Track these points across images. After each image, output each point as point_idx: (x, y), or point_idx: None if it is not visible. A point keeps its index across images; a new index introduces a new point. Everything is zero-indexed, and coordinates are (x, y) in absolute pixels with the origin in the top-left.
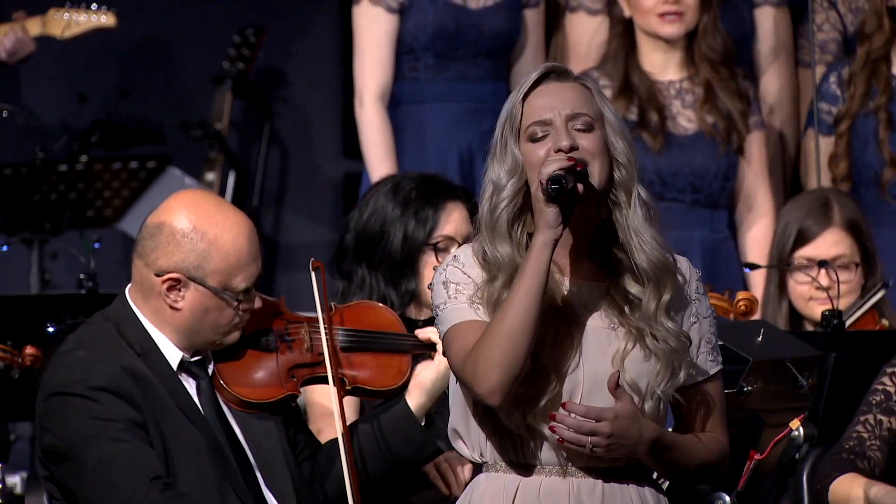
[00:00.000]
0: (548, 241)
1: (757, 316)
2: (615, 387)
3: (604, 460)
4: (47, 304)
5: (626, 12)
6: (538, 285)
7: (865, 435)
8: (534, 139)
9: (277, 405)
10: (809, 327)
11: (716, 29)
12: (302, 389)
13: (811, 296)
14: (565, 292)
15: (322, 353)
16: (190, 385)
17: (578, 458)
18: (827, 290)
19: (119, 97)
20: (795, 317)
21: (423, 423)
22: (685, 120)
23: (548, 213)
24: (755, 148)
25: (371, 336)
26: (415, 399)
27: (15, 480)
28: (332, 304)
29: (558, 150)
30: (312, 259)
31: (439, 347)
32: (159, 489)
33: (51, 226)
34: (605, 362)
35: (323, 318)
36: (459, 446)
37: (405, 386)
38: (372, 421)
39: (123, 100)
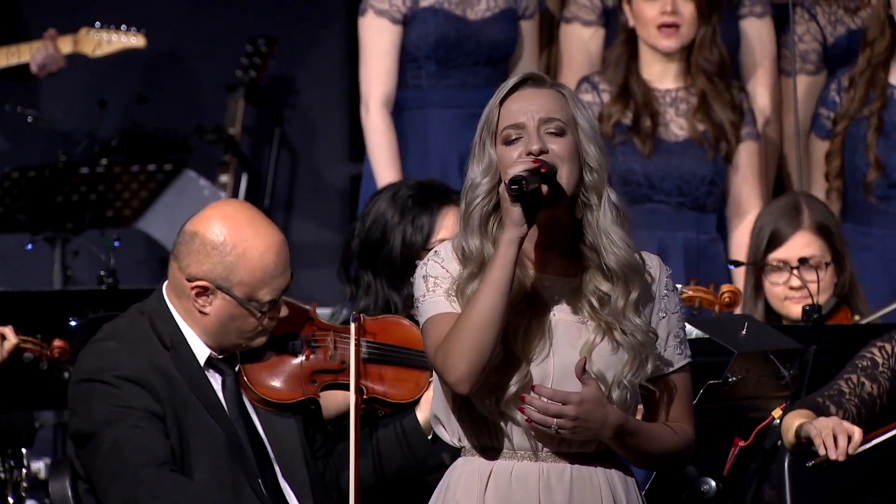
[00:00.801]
0: (513, 238)
1: (739, 308)
2: (582, 372)
3: (574, 445)
4: (69, 299)
5: (630, 22)
6: (504, 279)
7: (846, 390)
8: (508, 141)
9: (297, 407)
10: (785, 322)
11: (713, 43)
12: (321, 394)
13: (786, 296)
14: (538, 287)
15: (345, 363)
16: (216, 381)
17: (549, 442)
18: (801, 289)
19: (137, 103)
20: (771, 315)
21: (430, 437)
22: (677, 127)
23: (512, 212)
24: (746, 157)
25: (394, 350)
26: (424, 413)
27: (39, 466)
28: (361, 315)
29: (529, 153)
30: (354, 313)
31: None
32: (165, 474)
33: (73, 225)
34: (574, 353)
35: (355, 368)
36: (440, 431)
37: (419, 400)
38: (381, 430)
39: (141, 106)
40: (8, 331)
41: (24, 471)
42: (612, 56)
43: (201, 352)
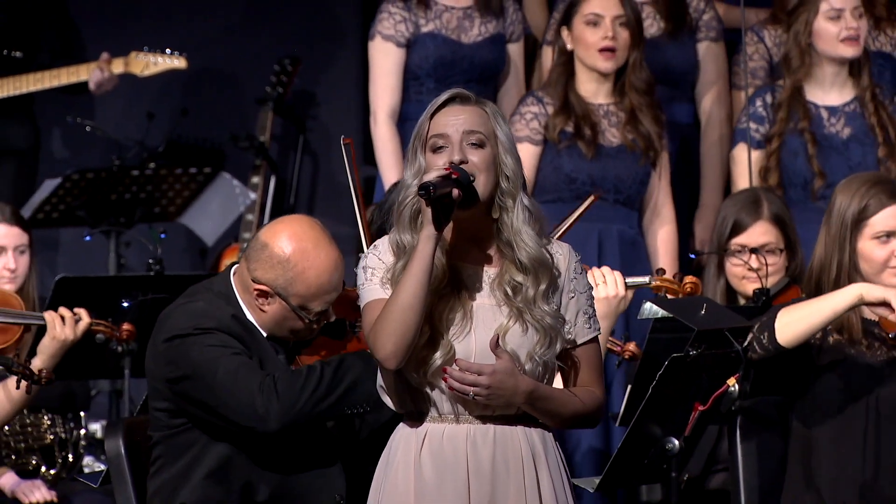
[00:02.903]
0: (429, 234)
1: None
2: (495, 346)
3: (496, 410)
4: (122, 283)
5: (569, 46)
6: (423, 270)
7: None
8: (434, 149)
9: None
10: (742, 301)
11: (642, 65)
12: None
13: (744, 275)
14: (461, 275)
15: None
16: None
17: (472, 408)
18: (756, 270)
19: (180, 115)
20: (730, 293)
21: None
22: (611, 136)
23: (426, 213)
24: (665, 165)
25: None
26: None
27: (96, 427)
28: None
29: (451, 163)
30: (343, 136)
31: None
32: (273, 380)
33: (125, 220)
34: (492, 333)
35: (354, 187)
36: (385, 399)
37: None
38: None
39: (184, 118)
40: (83, 312)
41: (82, 431)
42: (552, 75)
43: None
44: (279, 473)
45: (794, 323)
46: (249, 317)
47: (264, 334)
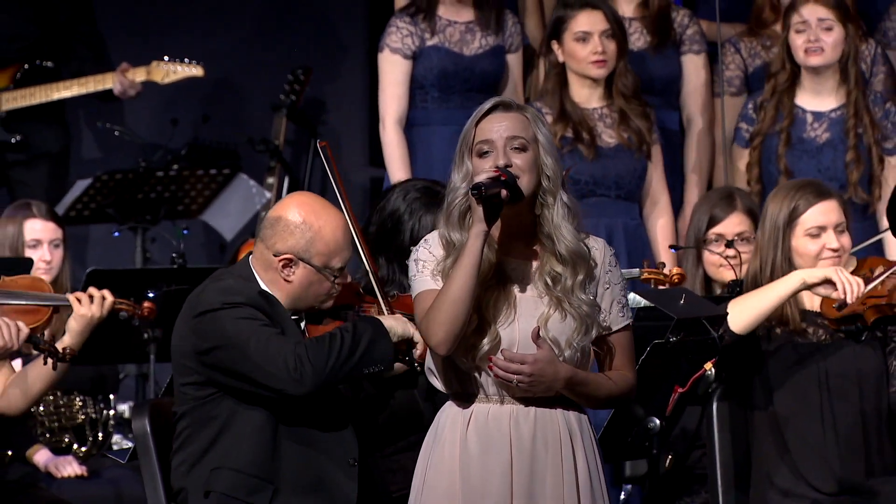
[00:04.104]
0: (478, 232)
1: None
2: (536, 337)
3: (538, 394)
4: (148, 276)
5: (560, 58)
6: (472, 264)
7: None
8: (480, 154)
9: None
10: (718, 288)
11: (628, 71)
12: None
13: (720, 264)
14: (506, 268)
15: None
16: None
17: (515, 392)
18: (731, 259)
19: (202, 121)
20: (707, 282)
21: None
22: (607, 136)
23: (477, 211)
24: (658, 156)
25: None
26: None
27: (124, 408)
28: (395, 292)
29: (497, 167)
30: (318, 140)
31: None
32: (304, 346)
33: (150, 217)
34: (534, 322)
35: (337, 186)
36: (433, 381)
37: None
38: None
39: (205, 123)
40: (107, 293)
41: (111, 412)
42: (546, 85)
43: None
44: (301, 437)
45: (745, 311)
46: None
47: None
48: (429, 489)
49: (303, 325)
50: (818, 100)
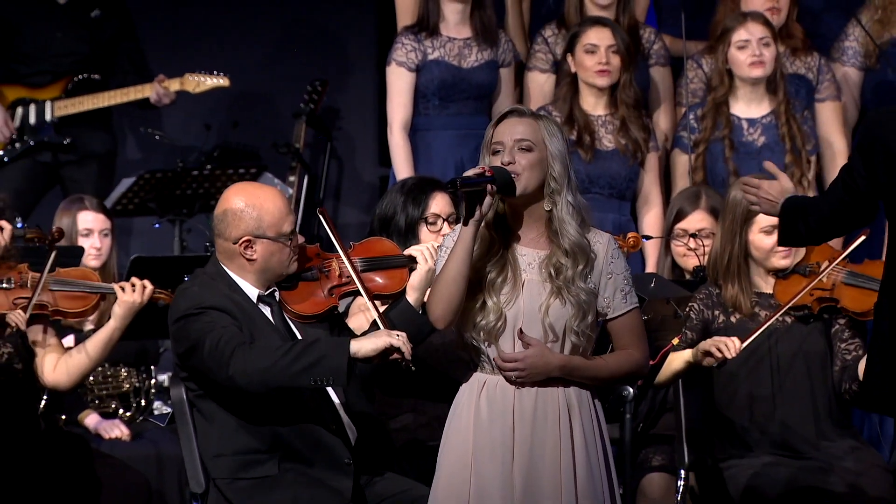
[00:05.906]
0: (467, 221)
1: (651, 260)
2: (521, 335)
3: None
4: (185, 263)
5: (573, 69)
6: (463, 250)
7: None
8: (494, 153)
9: (325, 315)
10: (686, 275)
11: (631, 84)
12: (340, 301)
13: (685, 254)
14: (517, 254)
15: (349, 276)
16: (266, 310)
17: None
18: (694, 250)
19: (232, 126)
20: (675, 267)
21: (420, 311)
22: (607, 141)
23: (464, 203)
24: (651, 163)
25: (377, 259)
26: (411, 296)
27: (163, 378)
28: (350, 242)
29: (501, 164)
30: (319, 208)
31: (419, 258)
32: (249, 347)
33: (187, 211)
34: (536, 304)
35: (339, 245)
36: (460, 354)
37: (405, 290)
38: (390, 313)
39: (234, 128)
40: (147, 282)
41: (152, 381)
42: (560, 93)
43: (252, 293)
44: (290, 409)
45: (662, 376)
46: (242, 285)
47: (254, 300)
48: (449, 445)
49: (277, 295)
50: (749, 108)
